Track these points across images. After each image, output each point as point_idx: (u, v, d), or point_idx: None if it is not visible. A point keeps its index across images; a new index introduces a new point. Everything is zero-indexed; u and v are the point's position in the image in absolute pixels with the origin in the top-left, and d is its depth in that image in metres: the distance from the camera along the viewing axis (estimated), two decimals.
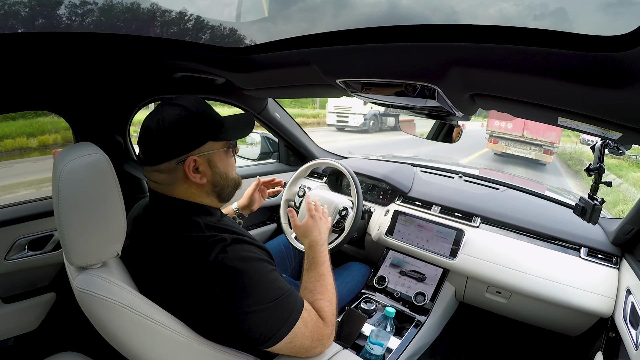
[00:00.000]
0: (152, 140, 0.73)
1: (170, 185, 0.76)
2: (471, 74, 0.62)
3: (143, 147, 0.75)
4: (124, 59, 0.97)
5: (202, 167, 0.76)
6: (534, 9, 0.47)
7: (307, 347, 0.73)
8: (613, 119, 0.60)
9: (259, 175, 1.32)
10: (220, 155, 0.80)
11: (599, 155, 0.94)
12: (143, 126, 0.74)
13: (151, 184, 0.78)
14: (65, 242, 0.61)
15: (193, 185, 0.76)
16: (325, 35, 0.67)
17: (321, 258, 0.91)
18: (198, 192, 0.78)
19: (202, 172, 0.76)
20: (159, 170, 0.74)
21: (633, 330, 0.94)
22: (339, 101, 11.64)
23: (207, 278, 0.66)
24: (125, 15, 0.86)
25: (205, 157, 0.77)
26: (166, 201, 0.76)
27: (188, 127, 0.73)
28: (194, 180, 0.75)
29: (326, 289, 0.84)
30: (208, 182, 0.78)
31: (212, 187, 0.79)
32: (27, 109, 1.13)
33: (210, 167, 0.78)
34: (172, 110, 0.73)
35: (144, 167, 0.77)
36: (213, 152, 0.78)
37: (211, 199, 0.81)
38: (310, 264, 0.90)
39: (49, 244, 1.21)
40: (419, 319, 1.28)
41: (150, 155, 0.74)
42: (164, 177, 0.75)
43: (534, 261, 1.26)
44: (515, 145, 9.86)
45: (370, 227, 1.61)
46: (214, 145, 0.77)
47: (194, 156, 0.74)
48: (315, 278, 0.86)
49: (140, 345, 0.64)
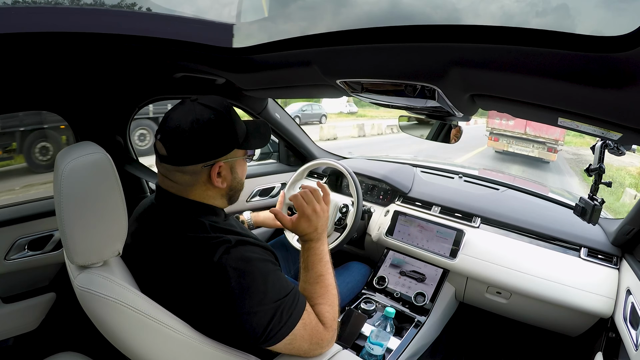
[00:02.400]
0: (183, 140, 0.70)
1: (189, 187, 0.75)
2: (471, 74, 0.62)
3: (170, 146, 0.71)
4: (124, 59, 0.97)
5: (225, 172, 0.76)
6: (536, 5, 0.46)
7: (306, 349, 0.73)
8: (613, 119, 0.60)
9: (259, 176, 1.33)
10: (241, 163, 0.81)
11: (599, 155, 0.94)
12: (172, 124, 0.71)
13: (165, 183, 0.76)
14: (67, 241, 0.61)
15: (211, 188, 0.76)
16: (325, 36, 0.67)
17: (317, 255, 0.83)
18: (213, 194, 0.78)
19: (223, 177, 0.77)
20: (183, 171, 0.73)
21: (633, 331, 0.94)
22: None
23: (211, 278, 0.66)
24: (125, 15, 0.86)
25: (229, 164, 0.77)
26: (176, 201, 0.76)
27: (221, 132, 0.73)
28: (216, 185, 0.75)
29: (327, 292, 0.80)
30: (227, 186, 0.78)
31: (228, 190, 0.80)
32: (27, 109, 1.13)
33: (232, 173, 0.78)
34: (206, 113, 0.71)
35: (162, 163, 0.74)
36: (236, 159, 0.79)
37: (223, 201, 0.81)
38: (307, 262, 0.83)
39: (49, 244, 1.21)
40: (419, 319, 1.28)
41: (177, 155, 0.71)
42: (186, 179, 0.74)
43: (534, 261, 1.26)
44: (517, 143, 9.61)
45: (370, 228, 1.61)
46: (237, 152, 0.78)
47: (221, 162, 0.75)
48: (314, 279, 0.80)
49: (141, 344, 0.64)
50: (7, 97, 1.02)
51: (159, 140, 0.72)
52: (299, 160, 1.98)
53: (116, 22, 0.80)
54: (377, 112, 22.33)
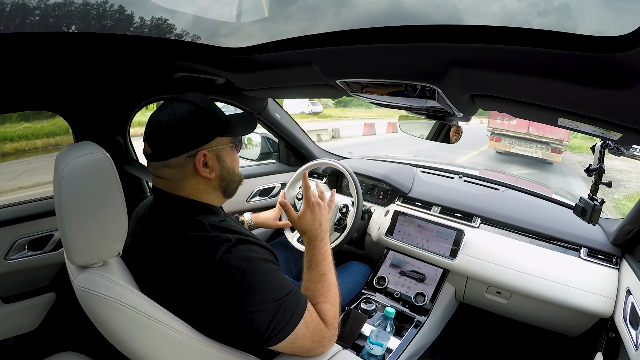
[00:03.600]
0: (162, 135, 0.73)
1: (179, 181, 0.76)
2: (471, 74, 0.62)
3: (152, 142, 0.74)
4: (124, 59, 0.97)
5: (211, 161, 0.77)
6: (538, 5, 0.46)
7: (308, 348, 0.73)
8: (613, 119, 0.60)
9: (259, 176, 1.33)
10: (227, 151, 0.81)
11: (599, 155, 0.94)
12: (152, 122, 0.74)
13: (157, 182, 0.78)
14: (67, 241, 0.61)
15: (201, 181, 0.77)
16: (325, 36, 0.67)
17: (322, 255, 0.84)
18: (205, 187, 0.78)
19: (210, 167, 0.77)
20: (169, 165, 0.75)
21: (633, 331, 0.94)
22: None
23: (213, 278, 0.66)
24: (125, 15, 0.86)
25: (215, 152, 0.78)
26: (171, 200, 0.76)
27: (199, 122, 0.74)
28: (203, 175, 0.76)
29: (329, 290, 0.81)
30: (216, 176, 0.79)
31: (219, 181, 0.80)
32: (27, 108, 1.13)
33: (219, 162, 0.79)
34: (182, 106, 0.74)
35: (151, 163, 0.77)
36: (221, 148, 0.79)
37: (217, 194, 0.81)
38: (311, 261, 0.84)
39: (49, 244, 1.21)
40: (418, 319, 1.28)
41: (160, 150, 0.74)
42: (173, 173, 0.75)
43: (534, 261, 1.26)
44: (519, 143, 9.29)
45: (370, 228, 1.61)
46: (221, 140, 0.79)
47: (204, 150, 0.75)
48: (317, 278, 0.81)
49: (141, 344, 0.64)
50: (7, 97, 1.02)
51: (144, 141, 0.76)
52: (299, 160, 1.98)
53: (116, 22, 0.80)
54: (344, 112, 20.98)
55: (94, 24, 0.86)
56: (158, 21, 0.86)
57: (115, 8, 0.83)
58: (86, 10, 0.84)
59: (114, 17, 0.84)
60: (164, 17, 0.85)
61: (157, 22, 0.86)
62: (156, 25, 0.87)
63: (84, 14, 0.84)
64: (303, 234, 0.89)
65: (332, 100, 22.25)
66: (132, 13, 0.84)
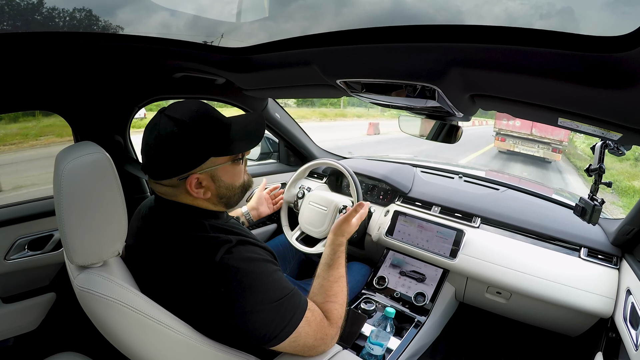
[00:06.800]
0: (151, 156, 0.70)
1: (174, 196, 0.75)
2: (471, 74, 0.62)
3: (146, 161, 0.72)
4: (124, 59, 0.97)
5: (206, 182, 0.74)
6: (540, 7, 0.46)
7: (310, 345, 0.74)
8: (613, 119, 0.60)
9: (259, 176, 1.33)
10: (226, 169, 0.76)
11: (599, 155, 0.94)
12: (143, 139, 0.71)
13: (156, 188, 0.77)
14: (67, 241, 0.61)
15: (197, 198, 0.75)
16: (325, 36, 0.67)
17: (343, 260, 0.92)
18: (204, 203, 0.77)
19: (205, 187, 0.74)
20: (161, 184, 0.74)
21: (633, 331, 0.94)
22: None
23: (213, 278, 0.66)
24: (125, 15, 0.86)
25: (208, 173, 0.73)
26: (171, 205, 0.76)
27: (185, 145, 0.68)
28: (197, 196, 0.74)
29: (341, 292, 0.84)
30: (212, 195, 0.76)
31: (217, 198, 0.77)
32: (27, 108, 1.13)
33: (214, 182, 0.75)
34: (168, 126, 0.68)
35: (149, 177, 0.76)
36: (216, 168, 0.74)
37: (218, 207, 0.80)
38: (333, 261, 0.89)
39: (49, 244, 1.21)
40: (419, 319, 1.28)
41: (152, 171, 0.73)
42: (167, 190, 0.74)
43: (534, 261, 1.26)
44: (523, 143, 9.94)
45: (370, 228, 1.61)
46: (216, 160, 0.73)
47: (195, 175, 0.71)
48: (335, 278, 0.85)
49: (141, 344, 0.64)
50: (7, 97, 1.02)
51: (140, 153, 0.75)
52: (299, 160, 1.98)
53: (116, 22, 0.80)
54: (303, 111, 19.78)
55: (94, 24, 0.86)
56: (158, 21, 0.86)
57: (115, 8, 0.83)
58: (86, 10, 0.84)
59: (114, 17, 0.84)
60: (164, 17, 0.85)
61: (156, 22, 0.86)
62: (156, 25, 0.87)
63: (84, 13, 0.84)
64: (339, 236, 0.96)
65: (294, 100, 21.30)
66: (132, 12, 0.84)
